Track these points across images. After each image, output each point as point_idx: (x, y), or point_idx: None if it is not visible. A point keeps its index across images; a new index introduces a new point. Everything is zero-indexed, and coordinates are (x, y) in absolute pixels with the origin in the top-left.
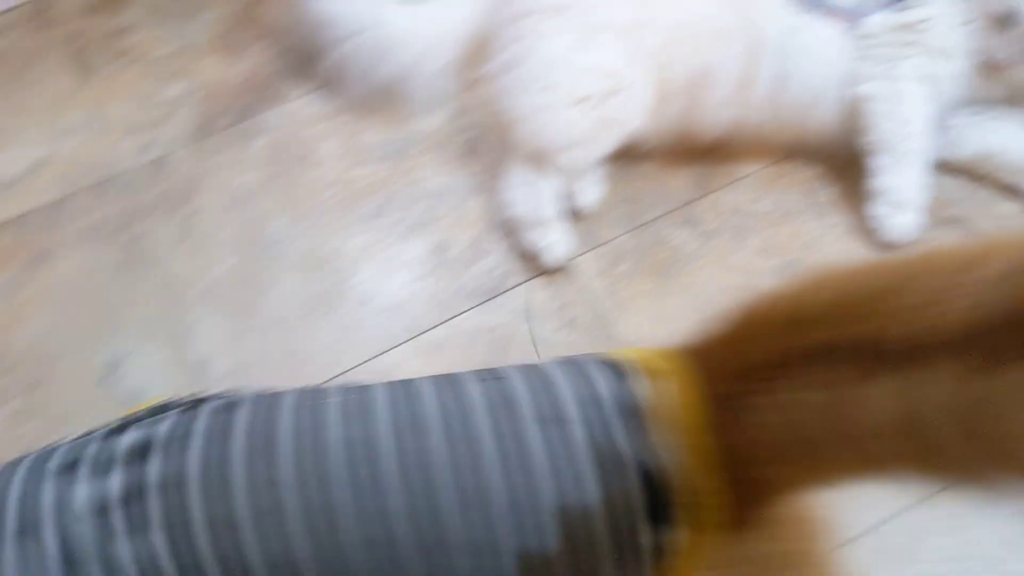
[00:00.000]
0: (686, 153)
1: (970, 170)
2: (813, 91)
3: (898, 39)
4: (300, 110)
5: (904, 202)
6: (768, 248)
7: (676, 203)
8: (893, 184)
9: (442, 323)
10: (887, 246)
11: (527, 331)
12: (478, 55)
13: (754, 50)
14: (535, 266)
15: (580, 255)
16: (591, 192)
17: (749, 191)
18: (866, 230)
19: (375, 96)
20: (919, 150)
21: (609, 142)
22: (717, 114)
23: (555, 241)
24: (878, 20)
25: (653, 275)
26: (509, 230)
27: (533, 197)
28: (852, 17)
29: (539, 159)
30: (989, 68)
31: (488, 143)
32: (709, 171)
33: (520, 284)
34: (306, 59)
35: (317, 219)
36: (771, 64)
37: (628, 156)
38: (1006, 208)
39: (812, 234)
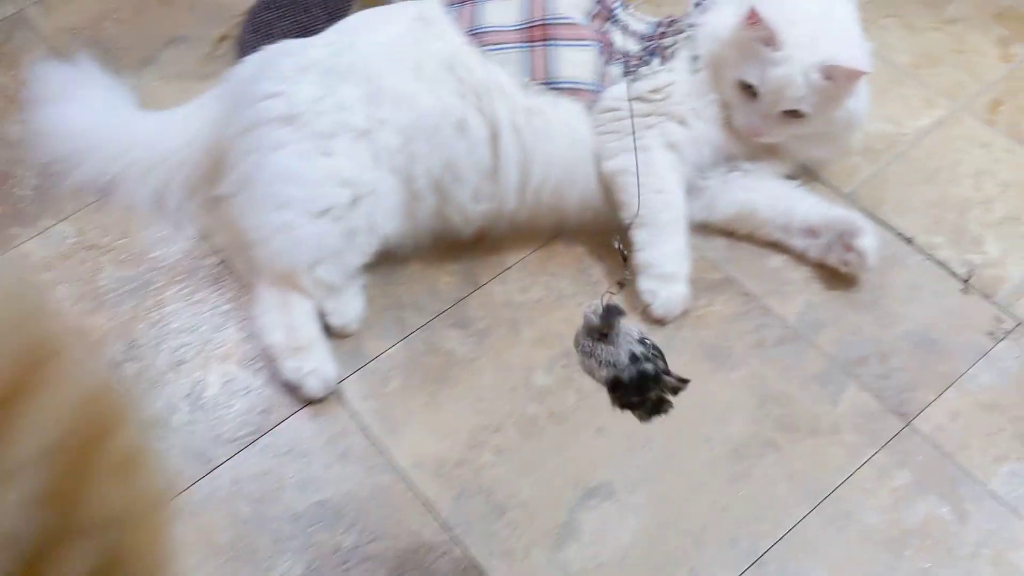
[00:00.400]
0: (450, 250)
1: (731, 230)
2: (562, 172)
3: (639, 110)
4: (28, 255)
5: (669, 274)
6: (544, 338)
7: (445, 304)
8: (656, 257)
9: (202, 478)
10: (660, 320)
11: (294, 473)
12: (214, 172)
13: (495, 138)
14: (298, 398)
15: (345, 378)
16: (351, 307)
17: (518, 280)
18: (639, 304)
19: (112, 223)
20: (676, 219)
21: (361, 253)
22: (471, 207)
23: (316, 368)
24: (617, 92)
25: (428, 387)
26: (266, 361)
27: (287, 322)
28: (591, 92)
29: (287, 280)
30: (734, 133)
31: (235, 268)
32: (476, 265)
33: (284, 420)
34: (32, 197)
35: None
36: (512, 150)
37: (389, 261)
38: (773, 262)
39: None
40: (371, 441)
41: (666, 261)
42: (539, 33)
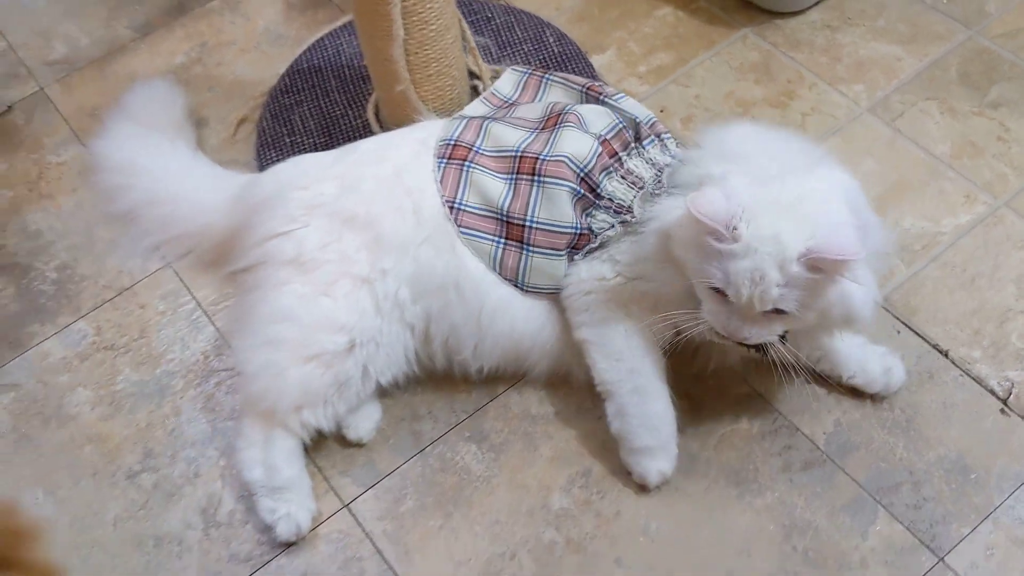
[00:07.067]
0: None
1: None
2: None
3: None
4: (48, 355)
5: (641, 448)
6: (561, 456)
7: (461, 415)
8: (626, 430)
9: None
10: (648, 488)
11: None
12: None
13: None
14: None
15: (361, 494)
16: (365, 423)
17: (536, 391)
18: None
19: (129, 323)
20: (637, 388)
21: (350, 401)
22: (473, 364)
23: (289, 512)
24: (581, 276)
25: (443, 507)
26: (248, 493)
27: (267, 460)
28: (555, 291)
29: (270, 418)
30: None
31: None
32: (492, 375)
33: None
34: (51, 292)
35: (72, 488)
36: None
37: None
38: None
39: (604, 434)
40: (387, 564)
41: (635, 436)
42: (516, 232)
